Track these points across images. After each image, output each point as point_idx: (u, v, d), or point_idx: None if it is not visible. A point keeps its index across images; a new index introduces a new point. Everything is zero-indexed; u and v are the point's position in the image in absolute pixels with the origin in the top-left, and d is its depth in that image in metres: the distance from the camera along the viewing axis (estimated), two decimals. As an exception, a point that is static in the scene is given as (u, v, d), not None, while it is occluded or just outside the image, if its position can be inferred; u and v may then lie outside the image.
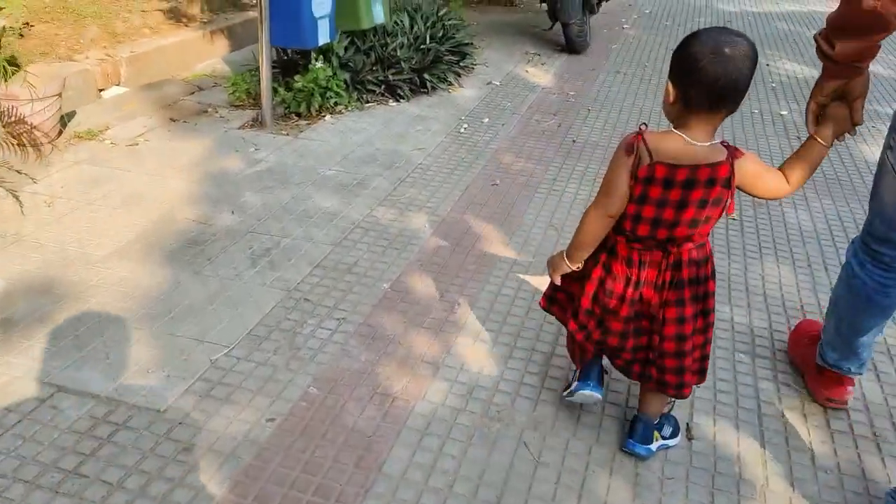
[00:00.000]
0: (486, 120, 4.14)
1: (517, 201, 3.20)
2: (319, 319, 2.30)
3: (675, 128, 1.52)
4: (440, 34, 4.75)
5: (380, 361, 2.13)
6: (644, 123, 1.56)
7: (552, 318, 2.30)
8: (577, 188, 3.36)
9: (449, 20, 5.01)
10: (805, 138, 1.65)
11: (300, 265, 2.60)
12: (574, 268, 1.69)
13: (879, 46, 1.55)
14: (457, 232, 2.90)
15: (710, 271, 1.66)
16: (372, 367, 2.10)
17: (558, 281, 1.76)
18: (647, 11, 7.21)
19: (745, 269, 2.76)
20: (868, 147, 3.98)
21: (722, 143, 1.53)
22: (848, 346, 1.95)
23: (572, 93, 4.70)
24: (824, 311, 2.40)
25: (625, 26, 6.58)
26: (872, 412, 2.05)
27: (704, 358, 1.74)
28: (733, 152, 1.52)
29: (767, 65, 5.48)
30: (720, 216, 1.58)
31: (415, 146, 3.71)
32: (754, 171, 1.56)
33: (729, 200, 1.55)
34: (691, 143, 1.48)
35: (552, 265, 1.76)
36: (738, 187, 1.55)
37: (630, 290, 1.64)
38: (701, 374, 1.76)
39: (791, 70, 5.39)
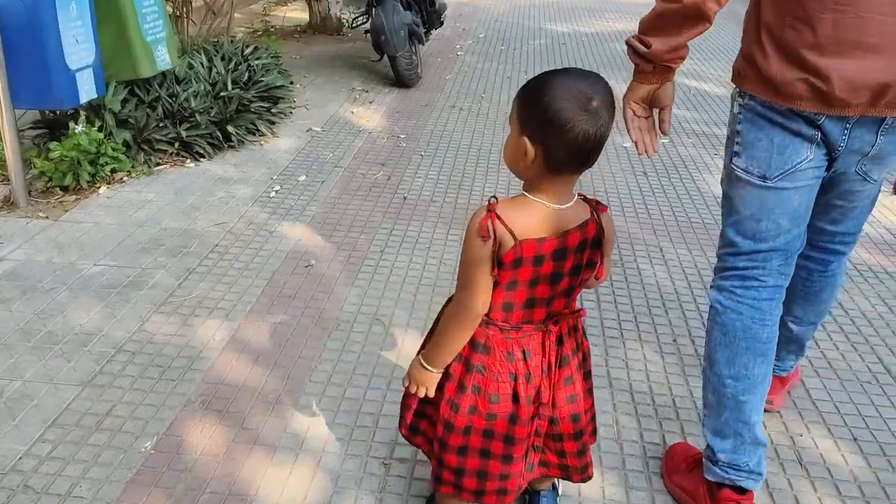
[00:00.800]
0: (303, 178, 3.54)
1: (336, 287, 2.62)
2: (41, 522, 1.61)
3: (529, 191, 1.28)
4: (245, 77, 4.10)
5: (123, 588, 1.48)
6: (494, 197, 1.27)
7: (373, 467, 1.74)
8: (408, 261, 2.83)
9: (257, 59, 4.38)
10: (650, 171, 1.30)
11: (27, 426, 1.89)
12: (436, 373, 1.39)
13: (688, 48, 1.56)
14: (257, 341, 2.28)
15: (582, 329, 1.46)
16: None
17: (432, 393, 1.40)
18: (482, 36, 6.89)
19: (606, 354, 2.32)
20: (716, 182, 3.74)
21: (579, 196, 1.32)
22: (738, 419, 1.62)
23: (403, 135, 4.20)
24: (699, 405, 2.00)
25: (459, 52, 6.20)
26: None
27: (594, 418, 1.55)
28: (596, 207, 1.33)
29: (606, 90, 5.24)
30: (590, 280, 1.39)
31: (213, 221, 3.05)
32: (609, 240, 1.36)
33: (600, 261, 1.35)
34: (553, 208, 1.26)
35: (415, 379, 1.41)
36: None
37: (521, 386, 1.36)
38: (594, 433, 1.56)
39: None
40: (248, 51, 4.49)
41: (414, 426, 1.51)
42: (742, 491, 1.64)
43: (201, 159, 3.66)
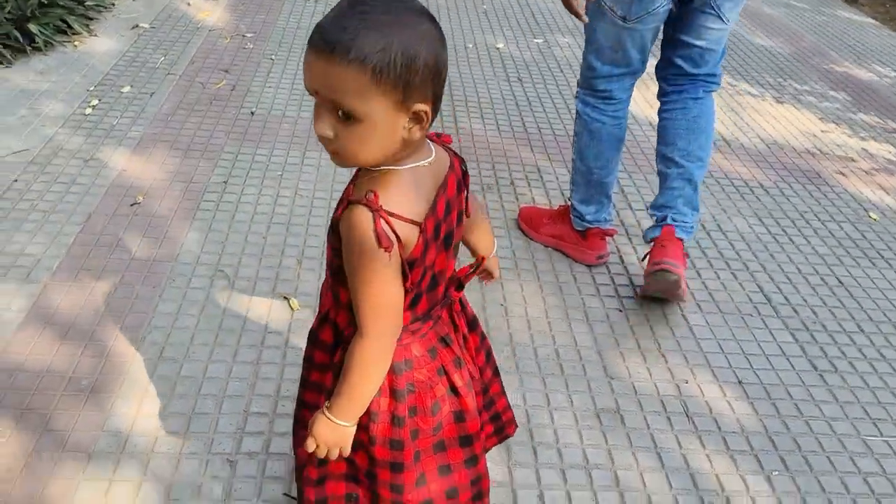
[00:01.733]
0: (128, 89, 2.99)
1: (169, 230, 2.21)
2: None
3: (393, 162, 0.96)
4: (49, -39, 3.37)
5: None
6: (371, 192, 0.94)
7: (223, 444, 1.45)
8: (257, 193, 2.44)
9: (63, -62, 3.60)
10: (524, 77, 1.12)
11: None
12: (352, 426, 1.08)
13: None
14: (67, 309, 1.87)
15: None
16: None
17: (348, 451, 1.10)
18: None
19: (483, 300, 2.10)
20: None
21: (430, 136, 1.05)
22: (601, 192, 2.17)
23: (250, 34, 3.66)
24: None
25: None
26: None
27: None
28: (442, 138, 1.09)
29: (477, -20, 4.82)
30: None
31: (10, 149, 2.50)
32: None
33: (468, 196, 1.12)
34: (427, 163, 1.00)
35: (325, 441, 1.07)
36: None
37: (456, 375, 1.15)
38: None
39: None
40: (50, -73, 3.69)
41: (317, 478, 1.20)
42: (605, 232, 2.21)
43: (-2, 66, 3.01)
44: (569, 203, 2.30)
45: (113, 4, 3.76)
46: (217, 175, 2.51)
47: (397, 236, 0.94)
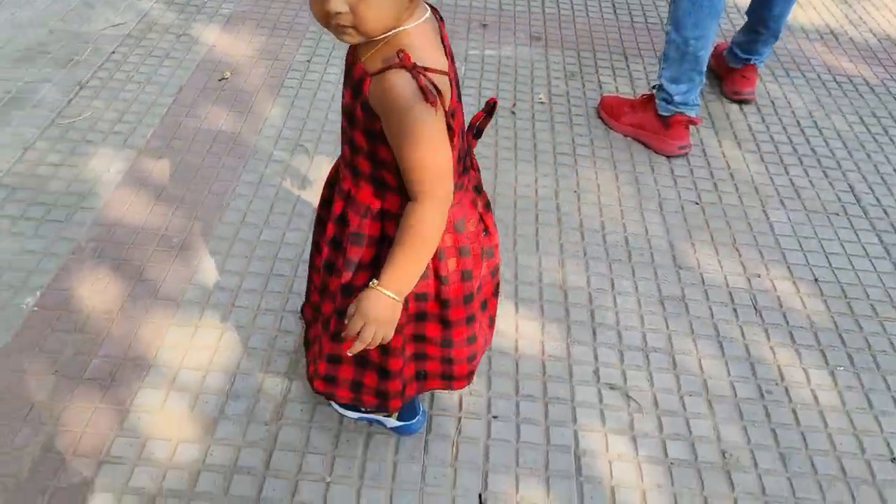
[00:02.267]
0: (219, -34, 3.02)
1: (254, 105, 2.28)
2: None
3: (402, 24, 0.94)
4: None
5: None
6: (400, 52, 0.91)
7: (298, 304, 1.56)
8: (339, 72, 2.47)
9: None
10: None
11: None
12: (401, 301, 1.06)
13: None
14: (160, 174, 1.99)
15: None
16: None
17: (391, 335, 1.08)
18: None
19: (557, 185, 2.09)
20: None
21: None
22: (694, 68, 2.12)
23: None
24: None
25: None
26: (718, 415, 1.54)
27: None
28: None
29: None
30: None
31: (109, 21, 2.60)
32: None
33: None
34: (426, 19, 0.98)
35: (374, 319, 1.04)
36: None
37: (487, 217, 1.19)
38: None
39: None
40: None
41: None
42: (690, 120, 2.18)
43: (96, -58, 3.08)
44: (652, 91, 2.23)
45: None
46: (301, 54, 2.55)
47: (438, 90, 0.92)
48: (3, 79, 2.28)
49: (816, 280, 1.87)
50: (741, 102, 2.47)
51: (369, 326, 1.04)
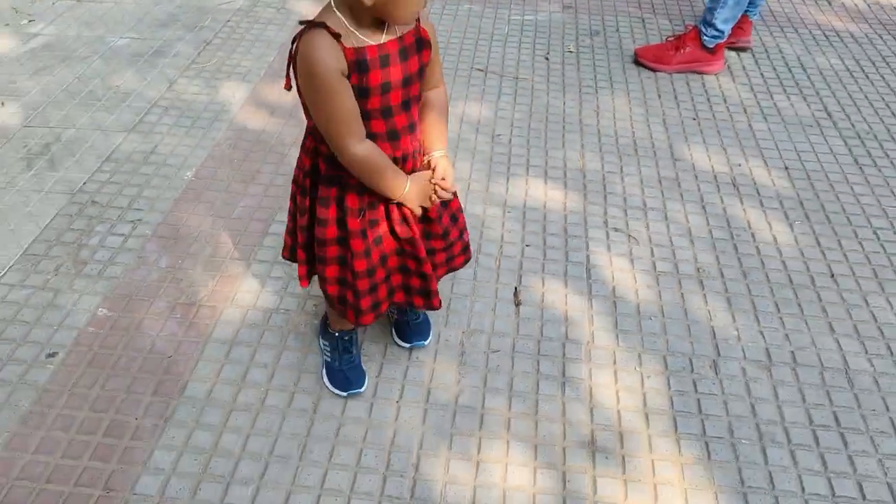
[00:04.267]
0: (305, -41, 3.67)
1: (340, 55, 2.88)
2: (110, 225, 2.03)
3: None
4: None
5: (182, 266, 1.91)
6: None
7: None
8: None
9: None
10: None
11: (86, 161, 2.26)
12: None
13: None
14: (272, 99, 2.59)
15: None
16: (173, 274, 1.88)
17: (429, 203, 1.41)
18: None
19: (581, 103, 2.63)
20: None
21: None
22: (742, 10, 2.77)
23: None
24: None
25: None
26: (697, 247, 2.04)
27: None
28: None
29: None
30: None
31: (222, 0, 3.26)
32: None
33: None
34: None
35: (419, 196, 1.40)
36: None
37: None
38: None
39: None
40: None
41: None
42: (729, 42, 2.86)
43: (206, -57, 3.77)
44: (691, 31, 2.81)
45: None
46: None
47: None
48: (148, 38, 2.94)
49: (786, 168, 2.35)
50: (739, 50, 2.97)
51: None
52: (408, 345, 1.70)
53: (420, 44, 1.26)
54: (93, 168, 2.23)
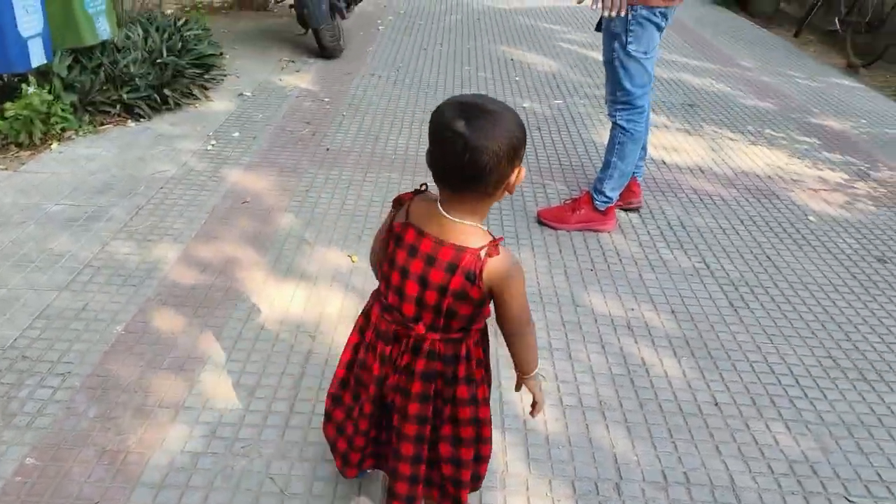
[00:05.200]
0: (237, 134, 3.99)
1: (269, 217, 3.11)
2: (40, 378, 2.08)
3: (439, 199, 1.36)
4: (179, 46, 4.50)
5: (112, 415, 1.97)
6: (424, 184, 1.42)
7: (302, 340, 2.27)
8: (330, 196, 3.34)
9: (189, 31, 4.77)
10: (542, 126, 1.63)
11: (18, 318, 2.33)
12: None
13: None
14: (203, 258, 2.76)
15: (464, 375, 1.44)
16: (102, 423, 1.93)
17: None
18: (401, 12, 7.37)
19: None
20: (597, 130, 4.35)
21: (493, 239, 1.34)
22: (627, 180, 3.19)
23: (327, 99, 4.68)
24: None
25: (380, 27, 6.67)
26: (598, 382, 2.24)
27: (460, 475, 1.55)
28: (491, 245, 1.32)
29: (511, 59, 5.83)
30: (469, 315, 1.39)
31: (156, 169, 3.49)
32: (502, 282, 1.34)
33: (480, 300, 1.35)
34: (444, 215, 1.33)
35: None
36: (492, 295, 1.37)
37: (377, 364, 1.46)
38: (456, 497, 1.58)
39: (532, 63, 5.77)
40: (180, 23, 4.87)
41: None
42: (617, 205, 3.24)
43: (141, 119, 4.07)
44: (584, 195, 3.18)
45: (223, 79, 4.86)
46: (302, 186, 3.43)
47: (402, 208, 1.41)
48: (83, 204, 3.10)
49: (673, 311, 2.65)
50: (631, 210, 3.36)
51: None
52: None
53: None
54: (24, 325, 2.30)
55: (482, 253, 1.31)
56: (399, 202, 1.41)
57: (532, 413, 1.56)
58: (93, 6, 3.89)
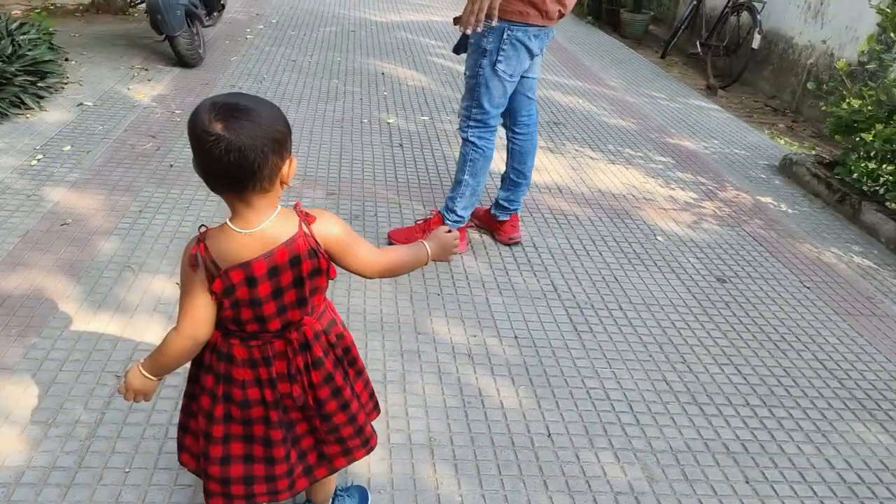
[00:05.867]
0: (69, 148, 3.67)
1: (91, 241, 2.84)
2: None
3: (230, 218, 1.32)
4: (9, 51, 4.11)
5: None
6: (203, 226, 1.34)
7: (107, 381, 2.05)
8: (166, 218, 3.10)
9: (23, 34, 4.38)
10: (405, 143, 1.59)
11: None
12: (156, 381, 1.45)
13: None
14: (4, 287, 2.47)
15: (341, 326, 1.53)
16: None
17: (130, 399, 1.45)
18: (274, 21, 7.12)
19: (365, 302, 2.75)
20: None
21: (294, 206, 1.37)
22: (476, 198, 3.08)
23: (179, 111, 4.40)
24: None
25: (248, 36, 6.41)
26: (430, 416, 2.13)
27: (371, 395, 1.67)
28: (304, 217, 1.36)
29: (382, 73, 5.72)
30: (326, 283, 1.43)
31: (-34, 186, 3.13)
32: (338, 240, 1.39)
33: (328, 266, 1.38)
34: (247, 232, 1.30)
35: (131, 386, 1.43)
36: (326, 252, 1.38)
37: (268, 391, 1.42)
38: (375, 409, 1.69)
39: (403, 77, 5.68)
40: (13, 26, 4.47)
41: (179, 443, 1.55)
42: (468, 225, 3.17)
43: (-40, 131, 3.67)
44: (436, 215, 3.09)
45: (63, 87, 4.49)
46: (135, 206, 3.17)
47: (204, 265, 1.30)
48: None
49: (516, 337, 2.59)
50: (514, 245, 3.24)
51: (128, 392, 1.44)
52: None
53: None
54: None
55: (304, 229, 1.34)
56: (195, 262, 1.31)
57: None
58: None
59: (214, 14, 5.81)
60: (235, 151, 1.21)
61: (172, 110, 4.40)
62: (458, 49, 2.90)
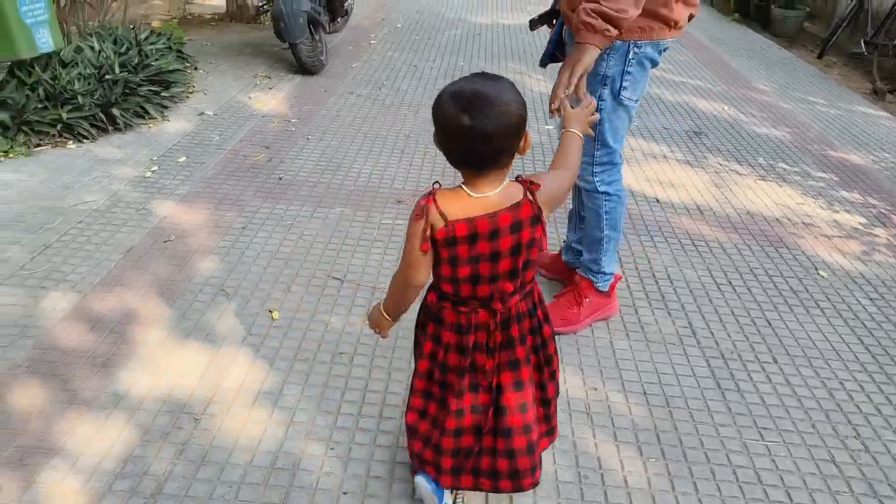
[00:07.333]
0: (183, 159, 3.62)
1: (190, 259, 2.72)
2: None
3: (463, 182, 1.40)
4: (135, 61, 4.15)
5: None
6: (437, 182, 1.43)
7: (183, 425, 1.86)
8: (267, 236, 2.94)
9: (151, 44, 4.42)
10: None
11: None
12: (389, 320, 1.59)
13: None
14: (97, 311, 2.37)
15: (543, 316, 1.56)
16: None
17: (386, 336, 1.63)
18: (399, 26, 6.99)
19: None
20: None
21: (517, 178, 1.43)
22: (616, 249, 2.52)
23: (294, 119, 4.29)
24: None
25: (372, 41, 6.30)
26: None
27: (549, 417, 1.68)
28: (528, 186, 1.41)
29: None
30: (537, 256, 1.48)
31: (81, 199, 3.11)
32: (552, 192, 1.46)
33: (542, 237, 1.44)
34: (476, 196, 1.38)
35: (371, 319, 1.62)
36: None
37: (463, 358, 1.49)
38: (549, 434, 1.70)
39: (528, 83, 5.34)
40: (142, 36, 4.53)
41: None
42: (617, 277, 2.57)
43: (85, 141, 3.71)
44: (582, 282, 2.51)
45: (188, 96, 4.51)
46: (238, 223, 3.03)
47: (427, 214, 1.36)
48: (-18, 240, 2.73)
49: (645, 393, 2.19)
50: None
51: (370, 323, 1.63)
52: None
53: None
54: None
55: (528, 196, 1.40)
56: (420, 212, 1.38)
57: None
58: (31, 16, 3.55)
59: (339, 20, 5.71)
60: (482, 140, 1.30)
61: (288, 119, 4.30)
62: (544, 62, 2.43)
